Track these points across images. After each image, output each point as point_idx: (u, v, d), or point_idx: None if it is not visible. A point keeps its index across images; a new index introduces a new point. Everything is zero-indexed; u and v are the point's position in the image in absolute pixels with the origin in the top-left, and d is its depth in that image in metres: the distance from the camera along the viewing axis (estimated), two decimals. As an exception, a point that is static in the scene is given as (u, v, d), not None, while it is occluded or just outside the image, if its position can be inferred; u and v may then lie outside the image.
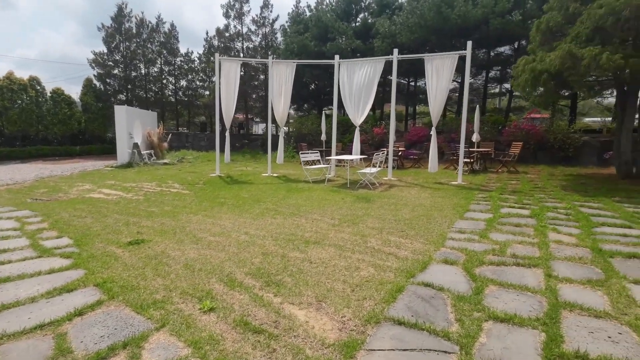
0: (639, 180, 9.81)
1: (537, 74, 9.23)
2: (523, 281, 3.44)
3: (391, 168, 11.46)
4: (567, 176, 11.16)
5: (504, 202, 7.48)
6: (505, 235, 5.01)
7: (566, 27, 9.36)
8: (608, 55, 7.77)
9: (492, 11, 16.02)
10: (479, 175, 11.79)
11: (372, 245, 4.59)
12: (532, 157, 14.56)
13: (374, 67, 11.13)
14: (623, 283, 3.40)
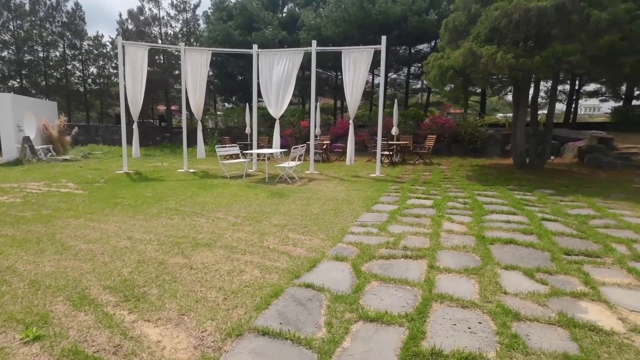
0: (532, 169, 10.91)
1: (444, 70, 9.71)
2: (406, 274, 3.43)
3: (313, 161, 11.36)
4: (473, 167, 12.03)
5: (412, 193, 7.73)
6: (403, 227, 5.09)
7: (469, 26, 9.95)
8: (502, 54, 8.39)
9: (410, 9, 16.67)
10: (397, 168, 12.21)
11: (268, 245, 4.33)
12: (447, 149, 15.53)
13: (292, 58, 10.86)
14: (496, 269, 3.55)
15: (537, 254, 4.01)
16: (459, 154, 15.06)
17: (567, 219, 5.51)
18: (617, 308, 2.82)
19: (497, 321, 2.59)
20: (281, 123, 19.03)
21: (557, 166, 11.78)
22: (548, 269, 3.55)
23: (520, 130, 10.63)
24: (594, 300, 2.94)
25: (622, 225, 5.18)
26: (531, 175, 10.01)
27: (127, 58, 10.64)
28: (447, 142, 15.39)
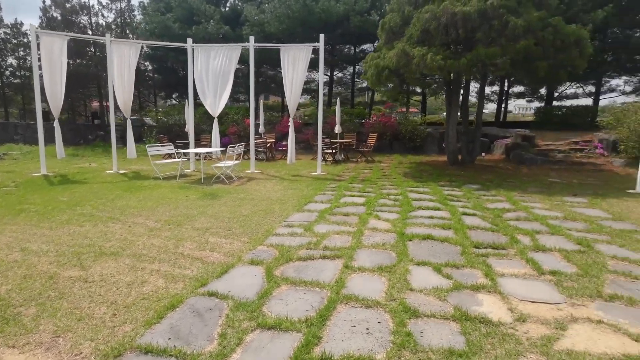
0: (464, 166, 11.52)
1: (380, 69, 9.91)
2: (319, 276, 3.38)
3: (253, 160, 11.09)
4: (412, 164, 12.47)
5: (348, 191, 7.79)
6: (330, 226, 5.07)
7: (404, 28, 10.24)
8: (432, 55, 8.72)
9: (352, 9, 16.88)
10: (339, 166, 12.31)
11: (182, 251, 4.07)
12: (389, 147, 15.97)
13: (229, 54, 10.50)
14: (408, 266, 3.62)
15: (450, 248, 4.16)
16: (400, 152, 15.56)
17: (484, 213, 5.83)
18: (509, 298, 2.97)
19: (396, 320, 2.60)
20: (225, 121, 18.51)
21: (487, 162, 12.57)
22: (456, 263, 3.69)
23: (452, 129, 11.17)
24: (491, 292, 3.08)
25: (531, 217, 5.58)
26: (462, 172, 10.56)
27: (43, 49, 9.63)
28: (389, 140, 15.82)
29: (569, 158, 12.09)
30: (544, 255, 3.94)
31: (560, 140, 13.75)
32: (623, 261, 3.79)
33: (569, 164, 11.64)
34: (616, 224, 5.27)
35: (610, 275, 3.44)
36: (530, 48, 8.44)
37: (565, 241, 4.42)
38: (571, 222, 5.37)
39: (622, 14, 14.51)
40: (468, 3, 8.76)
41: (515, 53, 8.43)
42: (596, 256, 3.90)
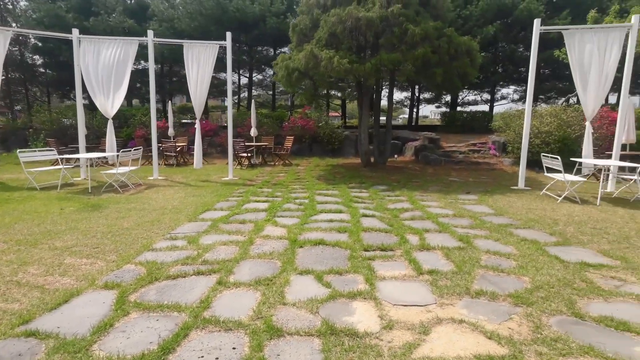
0: (376, 167, 11.88)
1: (290, 71, 9.74)
2: (184, 297, 2.96)
3: (157, 166, 10.12)
4: (328, 166, 12.53)
5: (256, 196, 7.41)
6: (220, 236, 4.64)
7: (313, 30, 10.21)
8: (338, 59, 8.77)
9: (269, 10, 16.59)
10: (254, 170, 11.87)
11: (20, 278, 3.33)
12: (308, 149, 15.95)
13: (125, 49, 9.45)
14: (290, 276, 3.37)
15: (340, 253, 4.03)
16: (319, 154, 15.62)
17: (384, 214, 5.90)
18: (383, 304, 2.87)
19: (254, 343, 2.31)
20: (132, 123, 16.87)
21: (398, 164, 13.15)
22: (340, 269, 3.55)
23: (364, 132, 11.45)
24: (367, 298, 2.96)
25: (425, 216, 5.77)
26: (374, 173, 10.86)
27: None
28: (308, 143, 15.79)
29: (468, 158, 13.19)
30: (428, 254, 4.00)
31: (461, 142, 14.99)
32: (495, 255, 4.00)
33: (467, 163, 12.69)
34: (496, 218, 5.69)
35: (481, 270, 3.57)
36: (428, 55, 8.94)
37: (449, 239, 4.58)
38: (459, 219, 5.66)
39: (508, 31, 16.39)
40: (371, 9, 9.01)
41: (415, 59, 8.86)
42: (472, 252, 4.07)
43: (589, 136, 8.36)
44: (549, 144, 11.55)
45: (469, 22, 16.08)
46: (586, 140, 8.38)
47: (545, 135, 11.67)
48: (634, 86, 18.83)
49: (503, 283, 3.28)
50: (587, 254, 4.10)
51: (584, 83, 8.11)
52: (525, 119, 8.79)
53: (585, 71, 8.06)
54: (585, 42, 8.06)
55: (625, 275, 3.50)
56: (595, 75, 7.98)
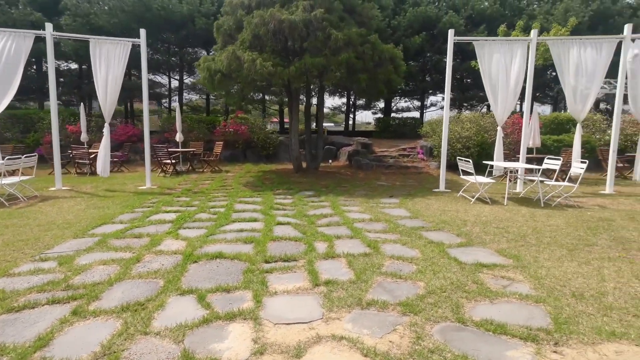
0: (308, 173, 11.72)
1: (212, 72, 9.24)
2: (20, 335, 2.43)
3: (59, 175, 8.99)
4: (259, 172, 12.13)
5: (169, 206, 6.81)
6: (103, 254, 4.07)
7: (238, 32, 9.82)
8: (261, 61, 8.48)
9: (197, 10, 15.85)
10: (179, 177, 11.10)
11: None
12: (242, 155, 15.41)
13: (17, 42, 8.29)
14: (168, 298, 2.97)
15: (237, 266, 3.70)
16: (254, 160, 15.16)
17: (301, 221, 5.67)
18: (263, 324, 2.59)
19: (82, 390, 1.89)
20: (41, 127, 15.05)
21: (331, 169, 13.14)
22: (230, 285, 3.21)
23: (294, 137, 11.25)
24: (246, 319, 2.66)
25: (341, 222, 5.64)
26: (305, 178, 10.68)
27: None
28: (242, 148, 15.26)
29: (398, 163, 13.58)
30: (331, 263, 3.81)
31: (393, 147, 15.44)
32: (398, 260, 3.93)
33: (397, 168, 13.05)
34: (411, 221, 5.73)
35: (380, 277, 3.45)
36: (352, 60, 8.99)
37: (358, 245, 4.46)
38: (375, 223, 5.61)
39: (433, 42, 17.32)
40: (295, 12, 8.86)
41: (339, 64, 8.86)
42: (377, 258, 3.97)
43: (500, 141, 8.92)
44: (469, 148, 12.25)
45: (397, 32, 16.70)
46: (497, 145, 8.93)
47: (465, 140, 12.36)
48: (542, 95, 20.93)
49: (398, 290, 3.17)
50: (485, 254, 4.19)
51: (494, 91, 8.65)
52: (444, 124, 9.17)
53: (494, 80, 8.61)
54: (493, 53, 8.62)
55: (515, 274, 3.59)
56: (503, 84, 8.55)
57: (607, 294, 3.16)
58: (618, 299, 3.06)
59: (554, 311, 2.81)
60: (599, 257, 4.15)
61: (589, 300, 3.03)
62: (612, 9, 16.51)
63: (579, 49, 8.36)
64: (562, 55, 8.46)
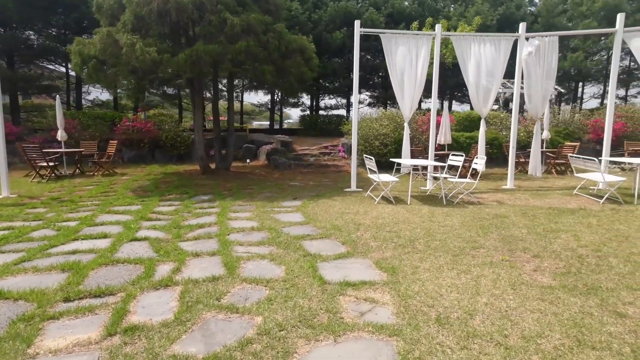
0: (217, 174, 10.64)
1: (85, 58, 7.81)
2: None
3: None
4: (161, 175, 10.78)
5: (7, 221, 5.40)
6: None
7: (122, 11, 8.45)
8: (141, 46, 7.28)
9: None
10: (58, 182, 9.37)
11: None
12: (150, 156, 13.82)
13: None
14: None
15: (14, 310, 2.67)
16: (163, 161, 13.65)
17: (167, 234, 4.71)
18: None
19: None
20: None
21: (247, 169, 12.19)
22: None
23: (198, 134, 10.13)
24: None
25: (216, 233, 4.78)
26: (210, 181, 9.62)
27: None
28: (149, 148, 13.66)
29: (319, 161, 13.04)
30: (158, 296, 2.95)
31: (315, 145, 14.91)
32: (251, 284, 3.18)
33: (317, 166, 12.49)
34: (299, 229, 5.06)
35: (212, 313, 2.67)
36: (253, 50, 8.15)
37: (215, 264, 3.65)
38: (256, 233, 4.85)
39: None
40: (184, -8, 7.78)
41: (237, 53, 7.95)
42: (225, 283, 3.19)
43: (407, 137, 8.70)
44: (387, 145, 12.07)
45: (319, 26, 16.20)
46: (405, 141, 8.69)
47: (383, 137, 12.17)
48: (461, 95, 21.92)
49: (222, 333, 2.40)
50: (362, 267, 3.62)
51: (400, 86, 8.36)
52: (353, 122, 8.73)
53: (400, 74, 8.32)
54: (399, 47, 8.32)
55: (382, 293, 3.02)
56: (409, 78, 8.29)
57: (476, 313, 2.70)
58: (485, 321, 2.60)
59: (406, 348, 2.24)
60: (482, 262, 3.79)
61: (453, 325, 2.53)
62: (516, 14, 17.60)
63: (479, 45, 8.39)
64: (465, 52, 8.43)
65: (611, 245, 4.37)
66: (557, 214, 5.89)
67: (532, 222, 5.43)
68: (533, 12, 20.33)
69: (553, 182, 9.26)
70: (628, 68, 20.36)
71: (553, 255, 4.07)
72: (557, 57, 8.43)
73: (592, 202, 6.67)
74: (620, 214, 5.78)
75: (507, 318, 2.63)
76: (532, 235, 4.78)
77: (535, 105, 8.51)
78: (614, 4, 17.03)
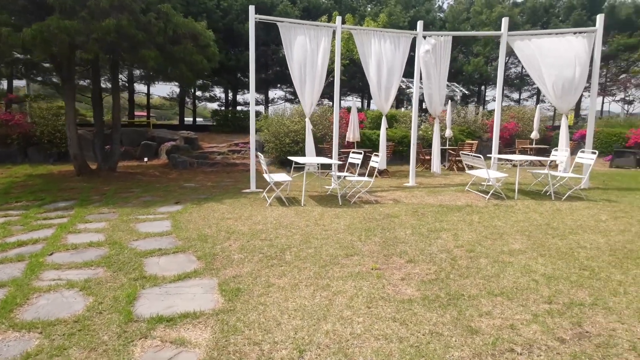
0: (98, 175, 9.13)
1: None
2: None
3: None
4: (24, 177, 8.97)
5: None
6: None
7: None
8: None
9: None
10: None
11: None
12: (22, 154, 11.61)
13: None
14: None
15: None
16: (38, 161, 11.55)
17: (-41, 258, 3.53)
18: None
19: None
20: None
21: (139, 169, 10.79)
22: None
23: (71, 129, 8.57)
24: None
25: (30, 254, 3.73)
26: (85, 183, 8.18)
27: None
28: (18, 144, 11.45)
29: (226, 159, 12.10)
30: None
31: (226, 142, 13.90)
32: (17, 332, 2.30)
33: (223, 165, 11.54)
34: (155, 242, 4.21)
35: None
36: (128, 30, 6.97)
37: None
38: (94, 250, 3.90)
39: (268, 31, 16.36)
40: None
41: (105, 32, 6.71)
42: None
43: (309, 134, 8.24)
44: (299, 143, 11.55)
45: (229, 15, 15.17)
46: (307, 139, 8.23)
47: (294, 134, 11.64)
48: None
49: None
50: (201, 290, 2.94)
51: (300, 79, 7.85)
52: (251, 118, 8.03)
53: (299, 67, 7.81)
54: (297, 36, 7.81)
55: (203, 330, 2.36)
56: (309, 71, 7.82)
57: (309, 348, 2.17)
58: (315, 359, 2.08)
59: None
60: (348, 273, 3.35)
61: (271, 371, 1.96)
62: (426, 17, 18.33)
63: (380, 41, 8.22)
64: (366, 47, 8.21)
65: (485, 243, 4.27)
66: (445, 211, 5.82)
67: (420, 221, 5.25)
68: (442, 17, 21.54)
69: (452, 179, 9.54)
70: (520, 74, 22.68)
71: (428, 258, 3.80)
72: (450, 57, 8.61)
73: (479, 198, 6.81)
74: (501, 210, 5.90)
75: (342, 352, 2.14)
76: (415, 236, 4.54)
77: (435, 104, 8.61)
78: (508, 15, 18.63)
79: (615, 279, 3.27)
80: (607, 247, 4.13)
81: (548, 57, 7.87)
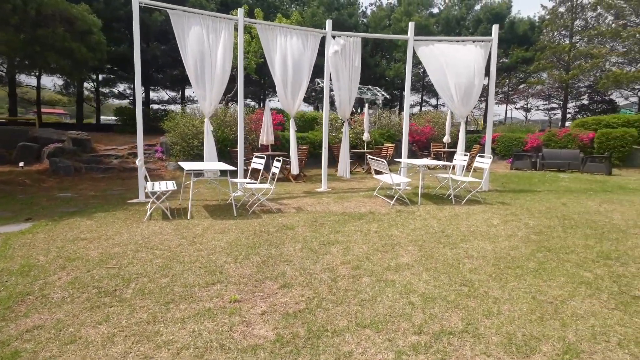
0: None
1: None
2: None
3: None
4: None
5: None
6: None
7: None
8: None
9: None
10: None
11: None
12: None
13: None
14: None
15: None
16: None
17: None
18: None
19: None
20: None
21: (8, 175, 8.97)
22: None
23: None
24: None
25: None
26: None
27: None
28: None
29: (125, 164, 10.69)
30: None
31: (127, 144, 12.38)
32: None
33: (119, 170, 10.15)
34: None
35: None
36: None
37: None
38: None
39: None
40: None
41: None
42: None
43: (209, 134, 7.44)
44: (209, 146, 10.56)
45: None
46: (206, 142, 7.42)
47: (203, 136, 10.63)
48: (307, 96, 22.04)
49: None
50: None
51: (196, 75, 7.03)
52: (137, 117, 7.01)
53: (195, 62, 6.98)
54: (192, 26, 6.97)
55: None
56: (208, 66, 7.04)
57: None
58: None
59: None
60: (195, 311, 2.70)
61: None
62: (349, 21, 18.39)
63: (286, 38, 7.71)
64: (271, 43, 7.63)
65: (375, 257, 3.90)
66: (345, 220, 5.44)
67: (315, 233, 4.78)
68: (365, 22, 21.92)
69: (365, 183, 9.36)
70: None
71: (307, 280, 3.30)
72: (360, 58, 8.41)
73: (384, 204, 6.60)
74: (402, 217, 5.69)
75: None
76: (303, 252, 4.04)
77: (344, 106, 8.32)
78: (424, 25, 19.50)
79: (492, 295, 3.05)
80: (492, 255, 4.01)
81: (451, 65, 8.02)
